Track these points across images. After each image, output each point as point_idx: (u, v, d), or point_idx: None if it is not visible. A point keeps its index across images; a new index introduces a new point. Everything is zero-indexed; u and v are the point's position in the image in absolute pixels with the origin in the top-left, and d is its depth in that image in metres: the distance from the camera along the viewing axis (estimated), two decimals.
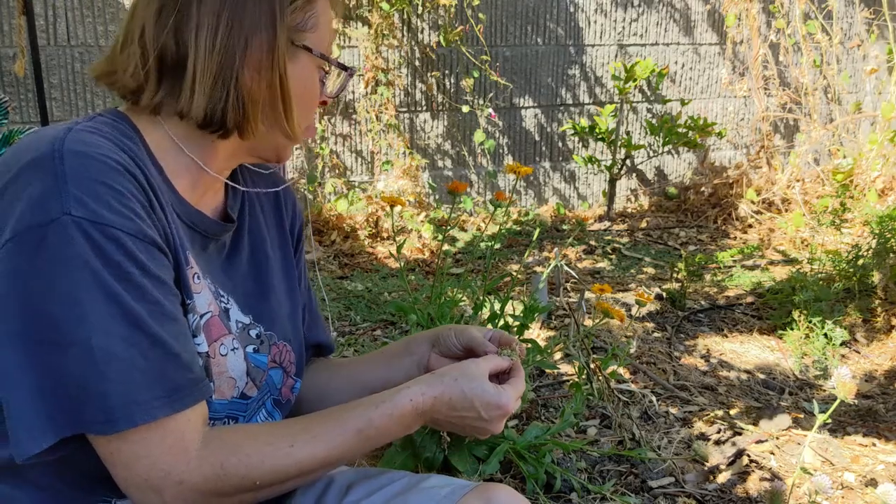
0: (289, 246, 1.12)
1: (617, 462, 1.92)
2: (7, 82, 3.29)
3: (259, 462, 0.84)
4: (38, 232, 0.76)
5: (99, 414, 0.77)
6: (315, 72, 0.95)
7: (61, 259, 0.76)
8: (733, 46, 4.85)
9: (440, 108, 4.18)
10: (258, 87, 0.89)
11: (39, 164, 0.79)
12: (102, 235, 0.77)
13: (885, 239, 2.91)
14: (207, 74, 0.87)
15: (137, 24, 0.90)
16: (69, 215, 0.76)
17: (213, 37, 0.87)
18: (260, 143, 0.95)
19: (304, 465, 0.86)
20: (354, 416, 0.89)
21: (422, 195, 4.05)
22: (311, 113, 0.98)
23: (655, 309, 3.03)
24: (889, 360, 2.64)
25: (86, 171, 0.79)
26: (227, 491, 0.83)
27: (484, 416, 0.94)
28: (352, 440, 0.88)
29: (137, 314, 0.78)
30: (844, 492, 1.84)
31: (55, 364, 0.76)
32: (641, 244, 4.08)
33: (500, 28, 4.25)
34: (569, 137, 4.58)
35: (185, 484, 0.81)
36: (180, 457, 0.81)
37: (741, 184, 4.51)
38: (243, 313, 1.00)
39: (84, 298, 0.76)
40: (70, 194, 0.77)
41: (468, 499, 0.93)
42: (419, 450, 1.69)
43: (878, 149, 4.19)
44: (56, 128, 0.84)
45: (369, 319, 2.88)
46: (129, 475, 0.80)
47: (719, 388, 2.38)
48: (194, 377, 0.83)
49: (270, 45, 0.89)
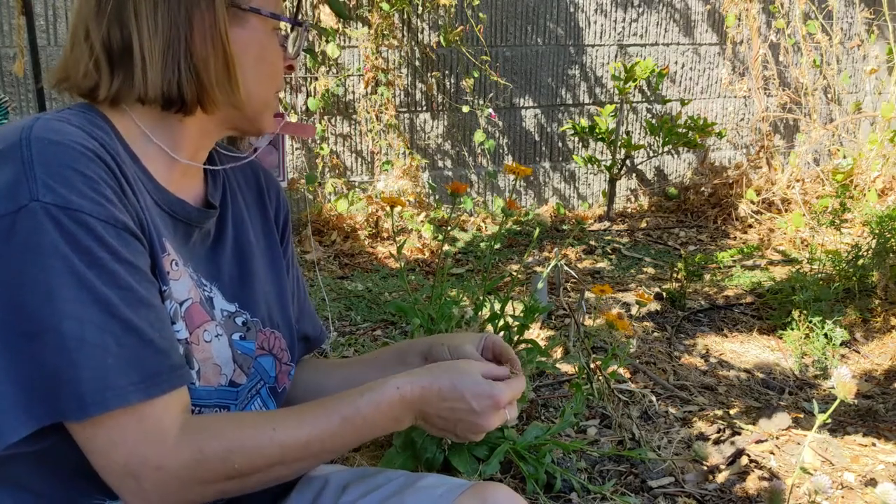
0: (274, 234, 1.12)
1: (617, 462, 1.92)
2: (7, 82, 3.29)
3: (240, 445, 0.82)
4: (7, 220, 0.75)
5: (73, 400, 0.76)
6: (270, 35, 0.96)
7: (31, 246, 0.75)
8: (733, 46, 4.85)
9: (440, 108, 4.18)
10: (208, 56, 0.90)
11: (7, 153, 0.78)
12: (72, 221, 0.76)
13: (884, 239, 2.91)
14: (156, 53, 0.88)
15: (81, 24, 0.91)
16: (38, 201, 0.75)
17: (153, 16, 0.87)
18: (228, 114, 0.95)
19: (288, 449, 0.84)
20: (341, 404, 0.87)
21: (422, 195, 4.05)
22: (273, 78, 0.98)
23: (655, 309, 3.03)
24: (889, 360, 2.64)
25: (54, 156, 0.78)
26: (207, 477, 0.81)
27: (475, 408, 0.91)
28: (336, 427, 0.86)
29: (109, 300, 0.78)
30: (844, 492, 1.84)
31: (29, 352, 0.76)
32: (641, 244, 4.08)
33: (500, 28, 4.25)
34: (569, 137, 4.58)
35: (164, 470, 0.79)
36: (158, 442, 0.79)
37: (741, 184, 4.51)
38: (228, 302, 0.99)
39: (55, 285, 0.75)
40: (38, 180, 0.76)
41: (464, 498, 0.92)
42: (420, 451, 1.69)
43: (878, 149, 4.20)
44: (24, 120, 0.84)
45: (370, 319, 2.88)
46: (106, 462, 0.79)
47: (719, 387, 2.38)
48: (171, 363, 0.82)
49: (211, 13, 0.89)
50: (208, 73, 0.90)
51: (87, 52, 0.90)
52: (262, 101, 0.98)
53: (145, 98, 0.89)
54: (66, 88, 0.94)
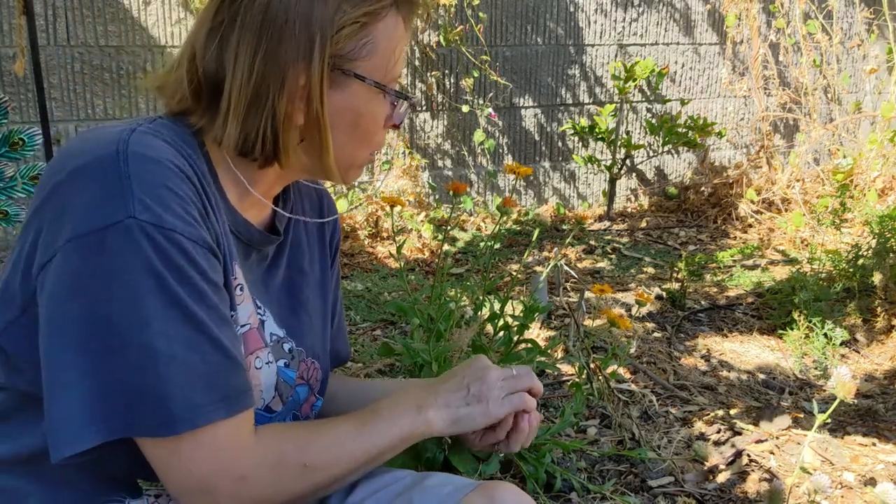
0: (327, 260, 1.11)
1: (617, 462, 1.92)
2: (7, 82, 3.29)
3: (315, 449, 0.86)
4: (100, 234, 0.75)
5: (158, 416, 0.76)
6: (373, 99, 0.92)
7: (124, 262, 0.75)
8: (733, 46, 4.85)
9: (440, 107, 4.18)
10: (294, 119, 0.88)
11: (103, 165, 0.78)
12: (166, 240, 0.77)
13: (885, 239, 2.91)
14: (241, 105, 0.86)
15: (189, 45, 0.90)
16: (134, 218, 0.76)
17: (250, 62, 0.85)
18: (310, 167, 0.94)
19: (356, 452, 0.90)
20: (400, 416, 0.94)
21: (422, 195, 4.05)
22: (366, 142, 0.95)
23: (655, 309, 3.03)
24: (889, 360, 2.64)
25: (150, 174, 0.78)
26: (286, 482, 0.84)
27: (469, 384, 0.98)
28: (396, 441, 0.93)
29: (199, 318, 0.78)
30: (844, 491, 1.84)
31: (111, 365, 0.76)
32: (641, 244, 4.08)
33: (500, 28, 4.25)
34: (569, 137, 4.58)
35: (246, 479, 0.81)
36: (239, 455, 0.81)
37: (741, 184, 4.51)
38: (278, 326, 0.99)
39: (146, 301, 0.76)
40: (135, 197, 0.76)
41: (472, 497, 0.92)
42: (420, 450, 1.69)
43: (878, 149, 4.19)
44: (115, 129, 0.83)
45: (369, 319, 2.88)
46: (181, 477, 0.80)
47: (719, 388, 2.38)
48: (248, 382, 0.83)
49: (307, 77, 0.86)
50: (288, 134, 0.88)
51: (186, 78, 0.89)
52: (350, 161, 0.95)
53: (221, 142, 0.88)
54: (160, 97, 0.93)
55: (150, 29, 3.52)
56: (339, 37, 0.87)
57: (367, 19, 0.88)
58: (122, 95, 3.51)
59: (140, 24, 3.50)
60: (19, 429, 0.86)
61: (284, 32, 0.85)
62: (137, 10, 3.49)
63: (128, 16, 3.48)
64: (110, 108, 3.50)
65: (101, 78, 3.46)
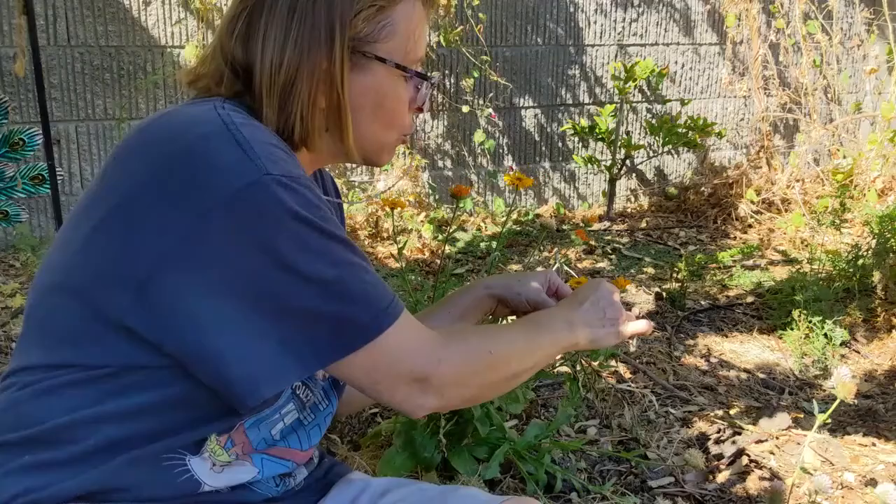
0: None
1: (617, 462, 1.92)
2: (7, 82, 3.29)
3: (492, 337, 0.97)
4: (245, 193, 0.79)
5: (354, 330, 0.84)
6: (395, 81, 0.94)
7: (275, 213, 0.79)
8: (733, 46, 4.85)
9: (440, 108, 4.18)
10: (318, 103, 0.90)
11: (219, 136, 0.81)
12: (300, 186, 0.82)
13: (885, 239, 2.91)
14: (275, 90, 0.89)
15: (219, 37, 0.93)
16: (269, 174, 0.80)
17: (280, 54, 0.88)
18: (337, 151, 0.97)
19: (527, 345, 1.00)
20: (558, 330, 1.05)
21: (422, 195, 4.05)
22: (393, 124, 0.97)
23: (655, 309, 3.03)
24: (889, 360, 2.64)
25: (260, 137, 0.83)
26: (476, 365, 0.93)
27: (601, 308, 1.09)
28: (553, 346, 1.05)
29: (349, 242, 0.85)
30: (844, 491, 1.84)
31: (296, 307, 0.81)
32: (641, 244, 4.08)
33: (500, 28, 4.25)
34: (569, 137, 4.58)
35: (445, 362, 0.89)
36: (430, 342, 0.90)
37: (741, 184, 4.51)
38: None
39: (308, 240, 0.81)
40: (260, 157, 0.80)
41: None
42: (419, 450, 1.69)
43: (878, 149, 4.20)
44: (199, 108, 0.86)
45: None
46: (392, 379, 0.87)
47: (719, 388, 2.38)
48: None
49: (329, 61, 0.89)
50: (313, 119, 0.91)
51: (226, 67, 0.92)
52: (378, 144, 0.98)
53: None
54: (198, 88, 0.96)
55: (150, 29, 3.52)
56: (357, 20, 0.90)
57: (385, 2, 0.91)
58: (123, 95, 3.51)
59: (140, 24, 3.50)
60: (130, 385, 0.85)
61: (306, 20, 0.88)
62: (137, 10, 3.49)
63: (128, 16, 3.48)
64: (110, 108, 3.50)
65: (101, 78, 3.46)
